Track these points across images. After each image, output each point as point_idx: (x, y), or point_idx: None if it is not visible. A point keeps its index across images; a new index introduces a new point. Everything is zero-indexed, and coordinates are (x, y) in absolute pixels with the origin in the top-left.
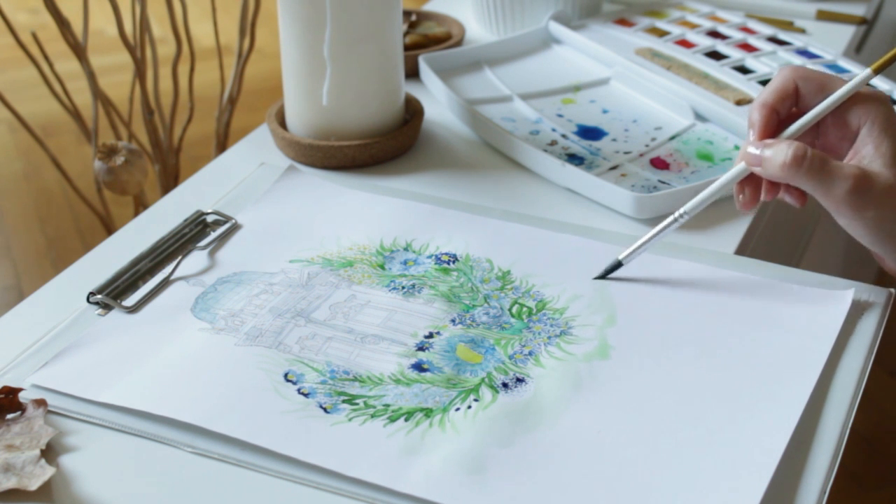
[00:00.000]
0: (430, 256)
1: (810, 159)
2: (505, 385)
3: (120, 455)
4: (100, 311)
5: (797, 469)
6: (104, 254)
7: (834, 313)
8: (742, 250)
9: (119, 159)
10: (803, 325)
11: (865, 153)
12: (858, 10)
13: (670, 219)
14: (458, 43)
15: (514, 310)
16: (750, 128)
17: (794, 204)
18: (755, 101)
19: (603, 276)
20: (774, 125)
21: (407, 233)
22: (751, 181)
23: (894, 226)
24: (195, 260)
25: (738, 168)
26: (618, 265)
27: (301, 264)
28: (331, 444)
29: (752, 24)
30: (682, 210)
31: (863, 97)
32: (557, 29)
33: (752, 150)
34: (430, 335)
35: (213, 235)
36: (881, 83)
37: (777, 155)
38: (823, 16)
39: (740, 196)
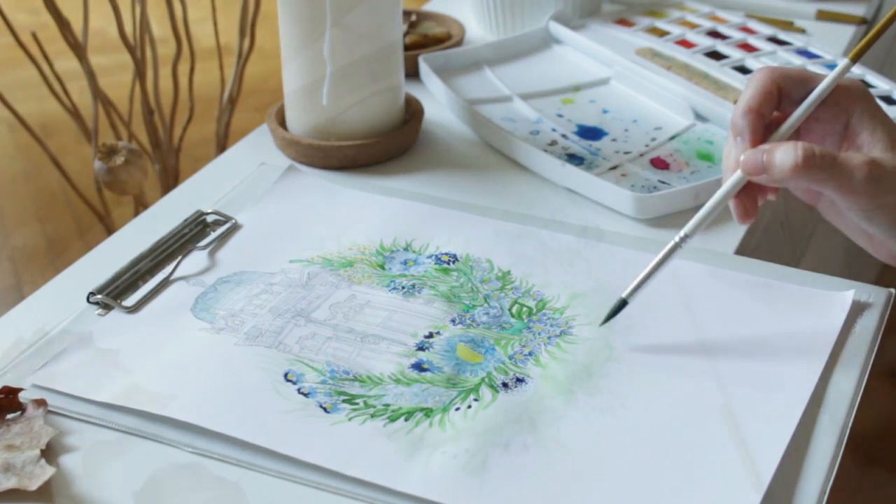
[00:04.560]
0: (430, 256)
1: (820, 156)
2: (505, 385)
3: (120, 455)
4: (100, 311)
5: (797, 469)
6: (104, 254)
7: (834, 314)
8: (742, 250)
9: (119, 159)
10: (803, 325)
11: (861, 141)
12: (858, 10)
13: (671, 244)
14: (458, 43)
15: (514, 310)
16: (737, 135)
17: (772, 198)
18: (738, 107)
19: (609, 318)
20: (762, 130)
21: (407, 233)
22: (746, 191)
23: None
24: (195, 260)
25: (734, 178)
26: (623, 304)
27: (301, 264)
28: (331, 444)
29: (752, 24)
30: (683, 232)
31: (844, 88)
32: (557, 29)
33: (751, 157)
34: (430, 335)
35: (213, 235)
36: (882, 83)
37: (786, 158)
38: (823, 16)
39: (739, 208)
